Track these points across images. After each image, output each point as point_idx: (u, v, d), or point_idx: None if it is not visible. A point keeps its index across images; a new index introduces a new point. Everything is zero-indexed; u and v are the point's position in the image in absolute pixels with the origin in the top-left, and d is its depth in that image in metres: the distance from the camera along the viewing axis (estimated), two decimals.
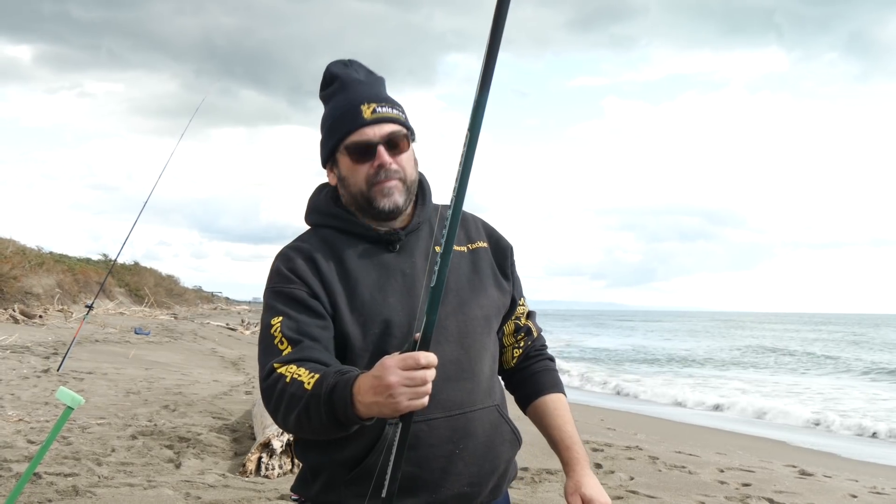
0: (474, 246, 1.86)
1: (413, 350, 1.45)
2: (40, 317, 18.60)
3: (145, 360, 12.63)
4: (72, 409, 2.43)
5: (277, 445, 5.20)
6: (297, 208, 1.93)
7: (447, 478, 1.70)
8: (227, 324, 27.52)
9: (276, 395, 1.59)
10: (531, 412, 1.91)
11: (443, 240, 1.46)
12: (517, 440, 1.85)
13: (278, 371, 1.61)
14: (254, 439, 5.92)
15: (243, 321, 30.47)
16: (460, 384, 1.71)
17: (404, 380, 1.42)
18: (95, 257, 37.13)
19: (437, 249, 1.79)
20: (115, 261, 12.48)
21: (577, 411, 11.67)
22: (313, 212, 1.85)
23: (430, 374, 1.44)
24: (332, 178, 1.80)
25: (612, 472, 5.77)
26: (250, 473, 5.12)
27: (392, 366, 1.43)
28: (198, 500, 4.49)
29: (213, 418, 7.12)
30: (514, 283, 1.94)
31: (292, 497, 1.86)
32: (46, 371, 9.80)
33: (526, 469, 5.64)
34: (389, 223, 1.77)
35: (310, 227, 1.86)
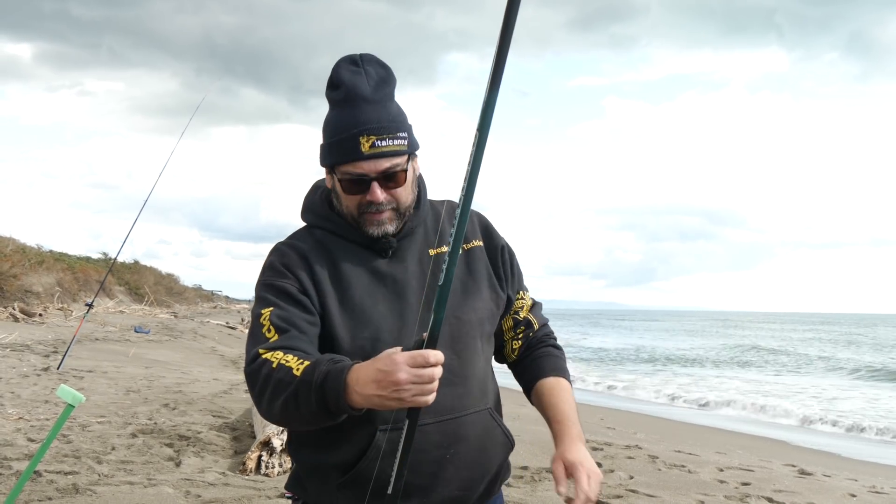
0: (469, 246, 1.85)
1: (420, 348, 1.46)
2: (40, 315, 18.59)
3: (145, 359, 12.63)
4: (73, 407, 2.44)
5: (277, 444, 5.20)
6: (298, 208, 1.92)
7: (438, 482, 1.70)
8: (227, 322, 27.51)
9: (261, 380, 1.59)
10: (532, 397, 1.90)
11: (450, 238, 1.47)
12: (510, 443, 1.85)
13: (263, 356, 1.61)
14: (254, 438, 5.93)
15: (243, 320, 30.44)
16: (451, 389, 1.70)
17: (413, 377, 1.43)
18: (95, 256, 37.21)
19: (431, 252, 1.80)
20: (116, 259, 12.48)
21: (577, 410, 11.65)
22: (308, 211, 1.85)
23: (438, 371, 1.45)
24: (328, 181, 1.78)
25: (612, 471, 5.77)
26: (250, 472, 5.12)
27: (402, 362, 1.43)
28: (198, 498, 4.49)
29: (213, 417, 7.13)
30: (512, 278, 1.92)
31: (286, 495, 1.86)
32: (46, 369, 9.81)
33: (526, 468, 5.64)
34: None
35: (305, 225, 1.85)
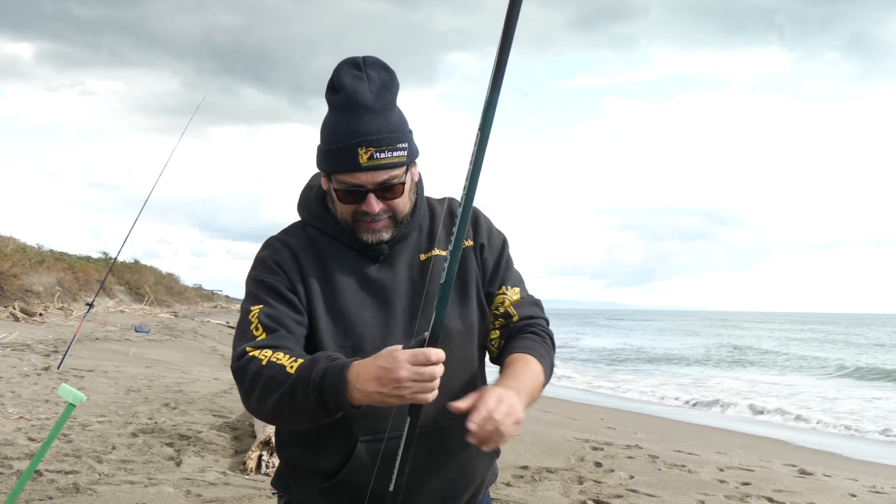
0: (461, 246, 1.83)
1: (422, 347, 1.47)
2: (41, 315, 18.60)
3: (145, 358, 12.64)
4: (74, 406, 2.44)
5: None
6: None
7: (420, 492, 1.70)
8: (228, 322, 27.51)
9: (249, 377, 1.59)
10: None
11: (453, 237, 1.48)
12: (495, 452, 1.83)
13: (250, 354, 1.61)
14: (254, 437, 5.93)
15: None
16: (436, 399, 1.66)
17: (414, 375, 1.43)
18: (95, 255, 37.21)
19: (422, 257, 1.79)
20: (116, 259, 12.48)
21: (578, 410, 11.68)
22: (303, 207, 1.84)
23: (439, 370, 1.45)
24: (324, 184, 1.76)
25: (612, 470, 5.77)
26: (251, 471, 5.12)
27: (403, 360, 1.44)
28: (198, 497, 4.50)
29: (214, 416, 7.13)
30: (495, 274, 1.86)
31: (272, 491, 1.87)
32: (47, 369, 9.81)
33: (526, 468, 5.65)
34: None
35: (299, 220, 1.85)
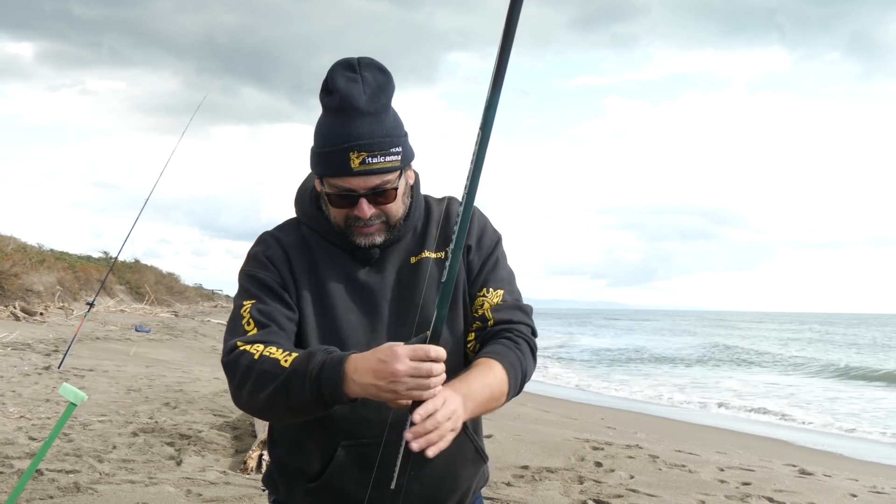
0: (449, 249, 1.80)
1: (423, 344, 1.47)
2: (41, 314, 18.60)
3: (146, 358, 12.64)
4: (75, 406, 2.44)
5: None
6: None
7: (403, 498, 1.68)
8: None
9: (241, 370, 1.60)
10: None
11: (454, 235, 1.48)
12: (481, 458, 1.83)
13: (242, 348, 1.61)
14: (255, 437, 5.93)
15: None
16: None
17: (411, 370, 1.43)
18: (96, 255, 37.23)
19: (413, 260, 1.78)
20: (116, 258, 12.48)
21: (578, 410, 11.67)
22: (298, 206, 1.84)
23: (437, 367, 1.45)
24: (318, 185, 1.75)
25: (613, 470, 5.77)
26: (251, 471, 5.12)
27: (402, 354, 1.44)
28: (199, 497, 4.50)
29: (214, 416, 7.13)
30: (478, 275, 1.80)
31: (262, 488, 1.88)
32: (47, 368, 9.82)
33: (526, 468, 5.65)
34: None
35: (295, 218, 1.85)
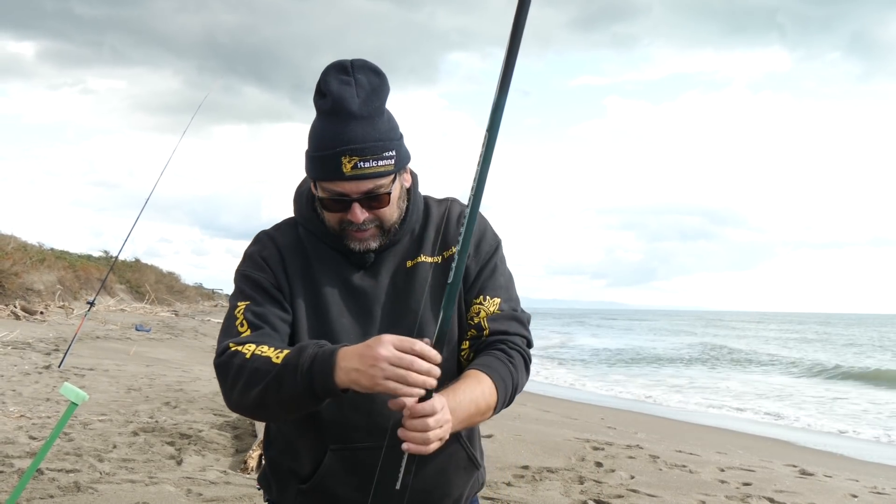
0: (448, 253, 1.77)
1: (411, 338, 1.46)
2: (41, 313, 18.61)
3: (146, 357, 12.65)
4: (76, 405, 2.44)
5: None
6: None
7: None
8: None
9: (233, 370, 1.60)
10: None
11: (460, 237, 1.47)
12: (474, 465, 1.82)
13: (234, 349, 1.62)
14: (255, 436, 5.93)
15: None
16: None
17: (393, 357, 1.42)
18: (97, 254, 37.22)
19: (409, 264, 1.77)
20: (117, 257, 12.48)
21: (578, 410, 11.67)
22: (296, 206, 1.84)
23: (420, 364, 1.43)
24: (312, 188, 1.75)
25: (613, 470, 5.77)
26: (251, 470, 5.12)
27: (387, 341, 1.44)
28: (199, 496, 4.50)
29: (215, 415, 7.13)
30: (475, 281, 1.78)
31: (257, 487, 1.90)
32: (48, 367, 9.82)
33: (527, 468, 5.65)
34: None
35: (292, 217, 1.85)
